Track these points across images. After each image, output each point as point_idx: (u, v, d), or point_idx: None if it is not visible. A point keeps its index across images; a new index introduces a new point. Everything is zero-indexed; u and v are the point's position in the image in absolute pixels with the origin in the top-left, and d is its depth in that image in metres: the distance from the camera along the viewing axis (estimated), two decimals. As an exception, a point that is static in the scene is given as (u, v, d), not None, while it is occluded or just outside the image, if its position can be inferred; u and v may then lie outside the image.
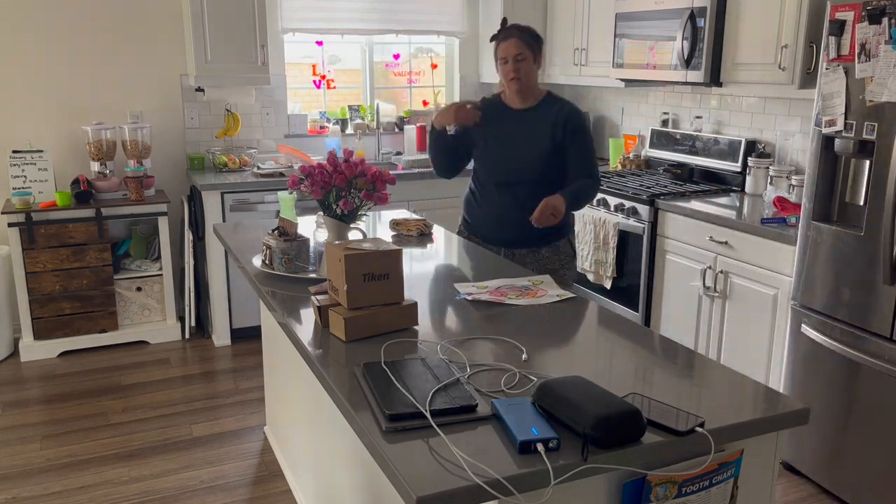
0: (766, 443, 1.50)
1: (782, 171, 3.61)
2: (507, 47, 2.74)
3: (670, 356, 1.72)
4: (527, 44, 2.74)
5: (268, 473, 3.04)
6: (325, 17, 4.80)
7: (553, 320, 1.95)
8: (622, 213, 3.91)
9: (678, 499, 1.36)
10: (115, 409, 3.60)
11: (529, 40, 2.75)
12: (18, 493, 2.89)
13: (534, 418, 1.35)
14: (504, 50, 2.75)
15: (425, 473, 1.22)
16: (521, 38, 2.73)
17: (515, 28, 2.77)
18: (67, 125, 4.41)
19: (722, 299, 3.39)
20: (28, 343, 4.13)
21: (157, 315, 4.43)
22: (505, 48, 2.75)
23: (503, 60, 2.76)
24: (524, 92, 2.81)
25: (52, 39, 4.29)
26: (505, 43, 2.76)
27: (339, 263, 1.79)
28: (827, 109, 2.75)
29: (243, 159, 4.58)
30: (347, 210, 2.21)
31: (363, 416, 1.42)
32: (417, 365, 1.58)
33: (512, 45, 2.74)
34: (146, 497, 2.86)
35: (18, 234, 3.99)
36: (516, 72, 2.74)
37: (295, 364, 2.67)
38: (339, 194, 2.20)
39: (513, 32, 2.75)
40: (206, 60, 4.26)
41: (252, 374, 3.98)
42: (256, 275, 2.32)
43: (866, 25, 2.55)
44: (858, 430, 2.72)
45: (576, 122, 2.78)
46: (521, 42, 2.73)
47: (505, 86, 2.83)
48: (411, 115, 5.22)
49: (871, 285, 2.63)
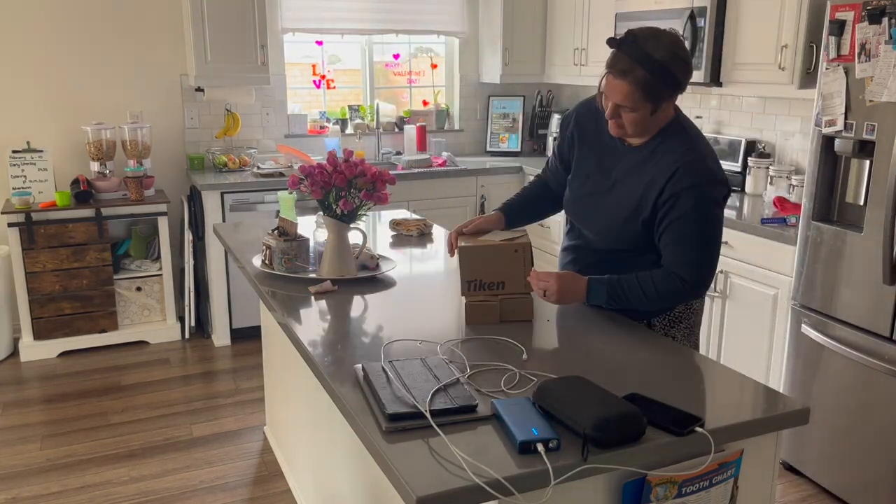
0: (766, 443, 1.50)
1: (782, 171, 3.61)
2: (610, 88, 1.82)
3: (670, 356, 1.72)
4: (644, 91, 1.77)
5: (268, 473, 3.04)
6: (325, 17, 4.80)
7: (553, 320, 1.95)
8: (622, 213, 3.90)
9: (678, 499, 1.36)
10: (115, 409, 3.60)
11: (652, 84, 1.76)
12: (18, 493, 2.89)
13: (534, 418, 1.35)
14: (606, 87, 1.84)
15: (425, 473, 1.22)
16: (638, 83, 1.76)
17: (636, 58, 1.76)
18: (67, 125, 4.41)
19: (722, 299, 3.39)
20: (28, 343, 4.13)
21: (157, 315, 4.43)
22: (607, 86, 1.83)
23: (603, 97, 1.88)
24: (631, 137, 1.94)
25: (52, 39, 4.29)
26: (607, 78, 1.83)
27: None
28: (827, 109, 2.75)
29: (243, 159, 4.58)
30: (347, 210, 2.21)
31: (363, 416, 1.42)
32: (417, 365, 1.58)
33: (617, 87, 1.80)
34: (146, 497, 2.86)
35: (18, 234, 3.99)
36: (615, 124, 1.88)
37: (295, 364, 2.67)
38: (339, 194, 2.19)
39: (627, 70, 1.77)
40: (206, 60, 4.26)
41: (252, 374, 3.98)
42: (256, 275, 2.32)
43: (866, 25, 2.55)
44: (858, 430, 2.72)
45: (680, 185, 1.82)
46: (633, 88, 1.77)
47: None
48: (411, 115, 5.22)
49: (871, 285, 2.63)
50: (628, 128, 1.88)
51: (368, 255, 2.37)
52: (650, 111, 1.83)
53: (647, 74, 1.76)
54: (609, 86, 1.83)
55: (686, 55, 1.83)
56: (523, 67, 5.04)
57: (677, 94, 1.86)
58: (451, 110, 5.40)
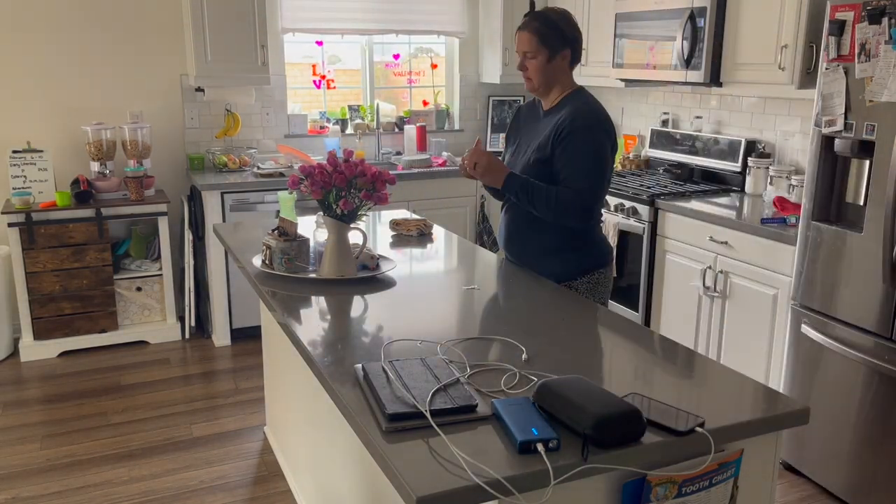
0: (766, 443, 1.50)
1: (782, 171, 3.61)
2: (518, 41, 2.39)
3: (670, 356, 1.72)
4: (541, 37, 2.33)
5: (268, 473, 3.04)
6: (325, 17, 4.80)
7: (553, 320, 1.95)
8: (622, 213, 3.91)
9: (678, 499, 1.36)
10: (115, 409, 3.60)
11: (546, 31, 2.33)
12: (18, 493, 2.89)
13: (534, 418, 1.35)
14: (516, 44, 2.41)
15: (425, 473, 1.22)
16: (535, 31, 2.34)
17: (534, 17, 2.36)
18: (67, 125, 4.41)
19: (722, 299, 3.39)
20: (28, 343, 4.13)
21: (157, 315, 4.43)
22: (517, 42, 2.40)
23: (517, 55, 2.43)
24: (540, 92, 2.44)
25: (52, 39, 4.29)
26: (517, 35, 2.40)
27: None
28: (827, 109, 2.75)
29: (243, 159, 4.58)
30: (347, 210, 2.21)
31: (363, 416, 1.42)
32: (417, 365, 1.58)
33: (522, 39, 2.37)
34: (146, 497, 2.86)
35: (18, 234, 3.99)
36: (524, 70, 2.40)
37: (295, 364, 2.67)
38: (339, 194, 2.19)
39: (527, 23, 2.37)
40: (206, 60, 4.26)
41: (252, 374, 3.98)
42: (256, 275, 2.32)
43: (866, 25, 2.55)
44: (858, 430, 2.72)
45: (573, 125, 2.31)
46: (532, 36, 2.34)
47: None
48: (411, 115, 5.22)
49: (871, 285, 2.63)
50: (534, 78, 2.38)
51: (368, 255, 2.37)
52: (547, 58, 2.35)
53: (541, 26, 2.34)
54: (517, 41, 2.39)
55: (572, 19, 2.38)
56: (523, 67, 5.03)
57: (568, 51, 2.36)
58: (451, 110, 5.40)
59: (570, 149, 2.30)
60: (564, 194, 2.29)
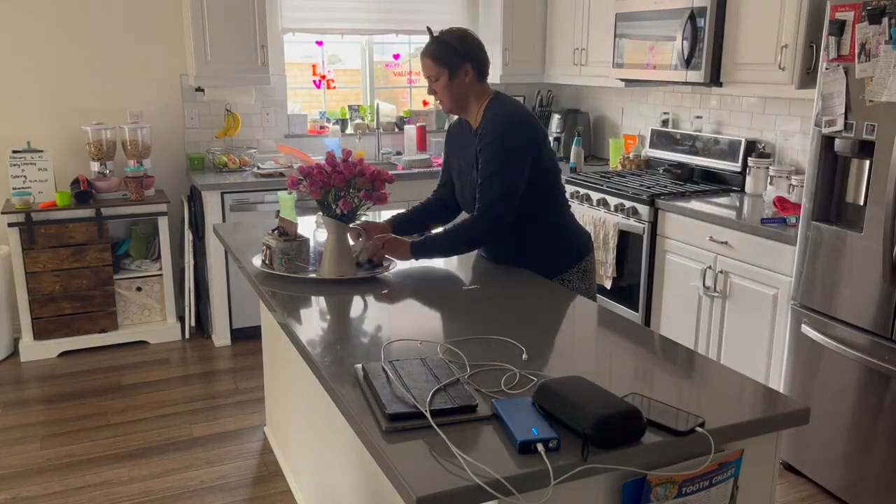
0: (766, 443, 1.50)
1: (782, 171, 3.61)
2: (422, 67, 2.41)
3: (670, 356, 1.72)
4: (436, 59, 2.35)
5: (268, 473, 3.04)
6: (325, 17, 4.80)
7: (553, 320, 1.95)
8: (622, 213, 3.91)
9: (678, 499, 1.36)
10: (115, 409, 3.60)
11: (440, 52, 2.34)
12: (18, 493, 2.89)
13: (534, 418, 1.35)
14: (422, 70, 2.43)
15: (425, 473, 1.22)
16: (430, 54, 2.36)
17: (430, 42, 2.38)
18: (67, 125, 4.41)
19: (722, 299, 3.39)
20: (28, 343, 4.13)
21: (157, 315, 4.43)
22: (422, 68, 2.42)
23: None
24: (457, 111, 2.45)
25: (52, 39, 4.29)
26: (421, 62, 2.42)
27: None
28: (827, 109, 2.75)
29: (243, 159, 4.58)
30: (347, 210, 2.21)
31: (363, 416, 1.42)
32: (417, 365, 1.58)
33: (423, 64, 2.40)
34: (146, 497, 2.86)
35: (18, 234, 3.99)
36: (435, 94, 2.41)
37: (295, 364, 2.67)
38: (339, 194, 2.19)
39: (424, 49, 2.38)
40: (206, 60, 4.26)
41: (252, 374, 3.98)
42: (256, 275, 2.32)
43: (866, 25, 2.55)
44: (858, 430, 2.72)
45: (485, 139, 2.32)
46: (428, 59, 2.36)
47: None
48: (411, 115, 5.22)
49: (871, 285, 2.63)
50: (443, 98, 2.40)
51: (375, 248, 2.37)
52: (448, 76, 2.36)
53: (435, 49, 2.35)
54: (422, 67, 2.40)
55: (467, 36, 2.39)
56: (523, 67, 5.04)
57: (469, 65, 2.36)
58: (451, 110, 5.39)
59: (483, 161, 2.33)
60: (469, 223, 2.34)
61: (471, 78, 2.38)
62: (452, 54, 2.35)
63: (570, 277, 2.49)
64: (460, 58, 2.36)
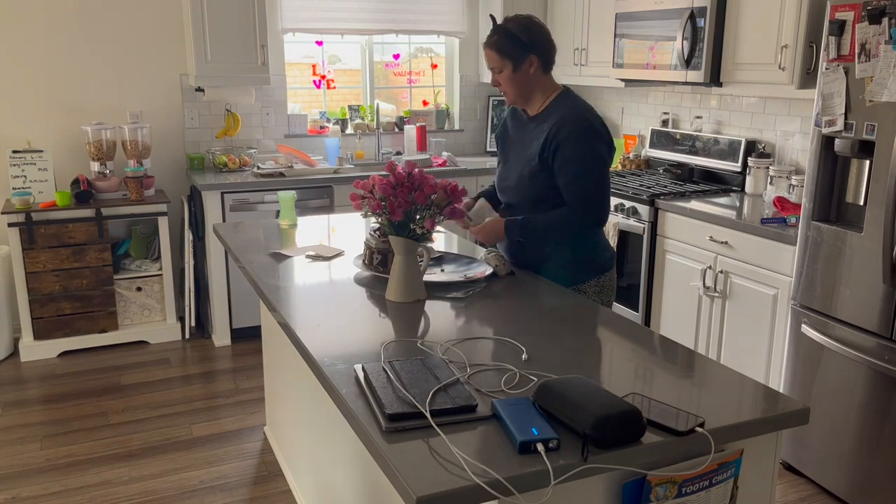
0: (766, 443, 1.50)
1: (782, 171, 3.61)
2: (485, 59, 2.37)
3: (670, 356, 1.72)
4: (500, 50, 2.30)
5: (268, 473, 3.04)
6: (325, 17, 4.80)
7: (553, 320, 1.95)
8: (622, 213, 3.91)
9: (678, 499, 1.36)
10: (115, 409, 3.60)
11: (504, 43, 2.30)
12: (18, 493, 2.89)
13: (534, 418, 1.35)
14: (485, 61, 2.38)
15: (425, 473, 1.22)
16: (493, 45, 2.31)
17: (494, 31, 2.34)
18: (67, 125, 4.41)
19: (722, 299, 3.39)
20: (28, 343, 4.13)
21: (157, 315, 4.43)
22: (485, 59, 2.37)
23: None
24: (520, 103, 2.40)
25: (53, 39, 4.29)
26: (484, 52, 2.37)
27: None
28: (827, 109, 2.75)
29: (243, 159, 4.58)
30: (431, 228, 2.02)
31: (363, 416, 1.42)
32: (417, 365, 1.58)
33: (487, 55, 2.35)
34: (146, 497, 2.86)
35: (18, 234, 3.99)
36: (499, 86, 2.37)
37: (295, 364, 2.67)
38: (423, 213, 2.00)
39: (488, 39, 2.34)
40: (206, 60, 4.26)
41: (252, 374, 3.98)
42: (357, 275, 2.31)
43: (866, 25, 2.55)
44: (858, 430, 2.72)
45: (563, 134, 2.26)
46: (492, 51, 2.32)
47: None
48: (411, 115, 5.22)
49: (871, 285, 2.63)
50: (507, 90, 2.35)
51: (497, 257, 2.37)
52: (512, 68, 2.30)
53: (499, 39, 2.31)
54: (485, 58, 2.36)
55: (533, 25, 2.32)
56: (523, 67, 5.03)
57: (534, 56, 2.30)
58: (451, 110, 5.40)
59: (566, 160, 2.26)
60: (569, 219, 2.29)
61: (535, 69, 2.32)
62: (517, 45, 2.29)
63: (586, 289, 2.41)
64: (525, 49, 2.29)
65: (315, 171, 4.49)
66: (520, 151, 2.41)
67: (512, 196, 2.45)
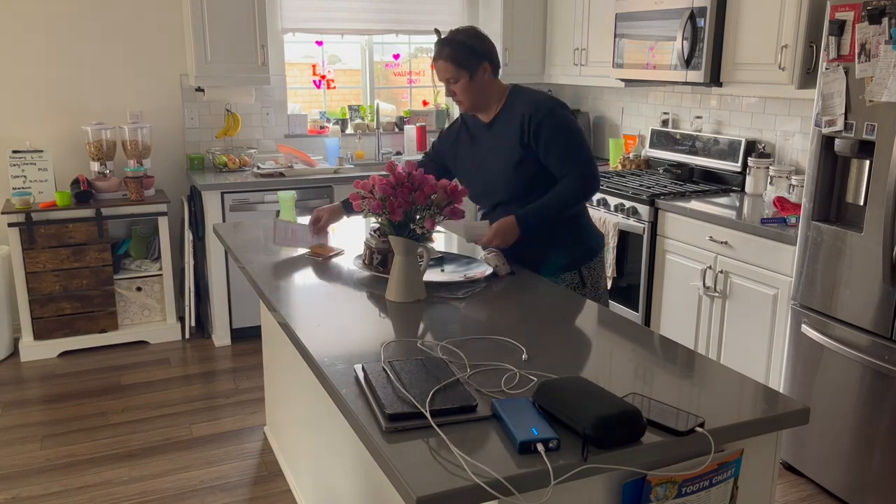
0: (766, 443, 1.50)
1: (782, 171, 3.61)
2: (437, 71, 2.41)
3: (670, 356, 1.72)
4: (455, 62, 2.35)
5: (268, 473, 3.04)
6: (325, 17, 4.80)
7: (553, 320, 1.95)
8: (622, 213, 3.91)
9: (678, 499, 1.36)
10: (115, 409, 3.60)
11: (458, 56, 2.34)
12: (18, 493, 2.89)
13: (534, 418, 1.35)
14: (436, 74, 2.42)
15: (425, 473, 1.22)
16: (448, 57, 2.35)
17: (444, 44, 2.37)
18: (67, 125, 4.41)
19: (722, 299, 3.39)
20: (28, 343, 4.13)
21: (157, 315, 4.43)
22: (436, 72, 2.41)
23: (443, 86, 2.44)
24: (476, 109, 2.48)
25: (53, 39, 4.29)
26: (434, 66, 2.41)
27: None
28: (827, 109, 2.75)
29: (243, 159, 4.58)
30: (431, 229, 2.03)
31: (363, 416, 1.42)
32: (417, 365, 1.58)
33: (440, 68, 2.39)
34: (146, 497, 2.86)
35: (18, 234, 3.99)
36: (454, 96, 2.42)
37: (295, 364, 2.67)
38: (423, 213, 2.01)
39: (439, 52, 2.38)
40: (206, 60, 4.26)
41: (252, 374, 3.98)
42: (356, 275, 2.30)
43: (866, 25, 2.55)
44: (858, 430, 2.72)
45: (540, 115, 2.35)
46: (447, 63, 2.36)
47: None
48: (411, 115, 5.22)
49: (871, 285, 2.63)
50: (464, 99, 2.41)
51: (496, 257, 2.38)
52: (469, 77, 2.37)
53: (452, 51, 2.35)
54: (436, 72, 2.40)
55: (479, 34, 2.40)
56: (523, 67, 5.04)
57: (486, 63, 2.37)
58: (450, 110, 5.40)
59: (550, 136, 2.35)
60: (570, 184, 2.37)
61: (488, 75, 2.41)
62: (471, 54, 2.36)
63: (594, 266, 2.54)
64: (479, 57, 2.37)
65: (315, 171, 4.49)
66: (493, 151, 2.47)
67: (500, 195, 2.50)
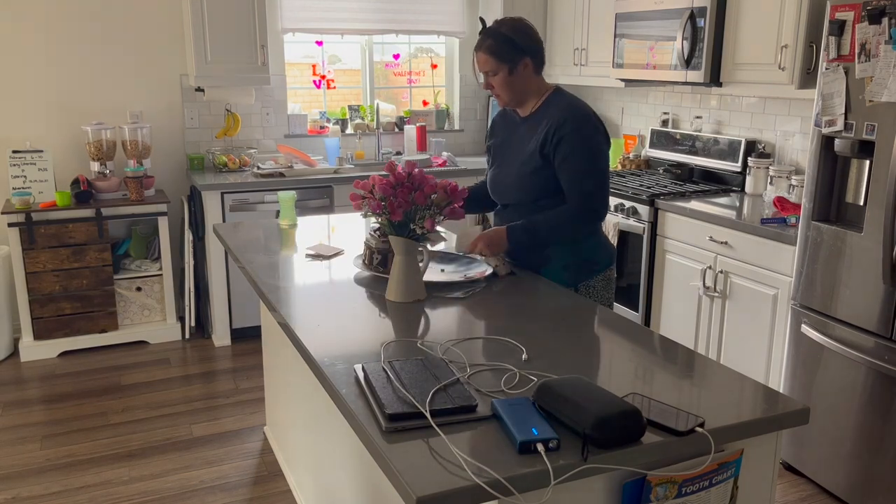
0: (766, 443, 1.50)
1: (782, 171, 3.61)
2: (477, 63, 2.34)
3: (670, 356, 1.72)
4: (495, 54, 2.29)
5: (268, 473, 3.04)
6: (325, 17, 4.80)
7: (553, 320, 1.95)
8: (622, 213, 3.91)
9: (678, 499, 1.36)
10: (115, 409, 3.60)
11: (498, 49, 2.28)
12: (18, 493, 2.89)
13: (534, 418, 1.35)
14: (476, 65, 2.35)
15: (425, 473, 1.22)
16: (488, 49, 2.29)
17: (486, 35, 2.32)
18: (67, 125, 4.41)
19: (722, 299, 3.39)
20: (28, 343, 4.13)
21: (157, 315, 4.43)
22: (477, 63, 2.34)
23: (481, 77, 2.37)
24: (514, 105, 2.40)
25: (52, 39, 4.29)
26: (475, 56, 2.35)
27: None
28: (827, 109, 2.75)
29: (243, 159, 4.58)
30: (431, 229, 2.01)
31: (363, 416, 1.42)
32: (417, 365, 1.58)
33: (479, 59, 2.33)
34: (146, 497, 2.86)
35: (18, 234, 3.99)
36: (492, 89, 2.35)
37: (295, 364, 2.67)
38: (423, 213, 2.00)
39: (480, 43, 2.32)
40: (206, 60, 4.26)
41: (252, 374, 3.98)
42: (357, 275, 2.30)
43: (866, 25, 2.55)
44: (858, 430, 2.72)
45: (565, 129, 2.26)
46: (487, 55, 2.30)
47: None
48: (411, 115, 5.22)
49: (871, 285, 2.63)
50: (502, 93, 2.34)
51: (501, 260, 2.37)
52: (508, 71, 2.30)
53: (493, 43, 2.29)
54: (477, 62, 2.34)
55: (525, 27, 2.34)
56: (523, 67, 5.03)
57: (528, 58, 2.31)
58: (451, 110, 5.40)
59: (568, 154, 2.26)
60: (568, 214, 2.28)
61: (529, 71, 2.32)
62: (512, 48, 2.28)
63: (593, 285, 2.42)
64: (520, 51, 2.30)
65: (315, 171, 4.49)
66: (516, 152, 2.41)
67: (511, 196, 2.44)
